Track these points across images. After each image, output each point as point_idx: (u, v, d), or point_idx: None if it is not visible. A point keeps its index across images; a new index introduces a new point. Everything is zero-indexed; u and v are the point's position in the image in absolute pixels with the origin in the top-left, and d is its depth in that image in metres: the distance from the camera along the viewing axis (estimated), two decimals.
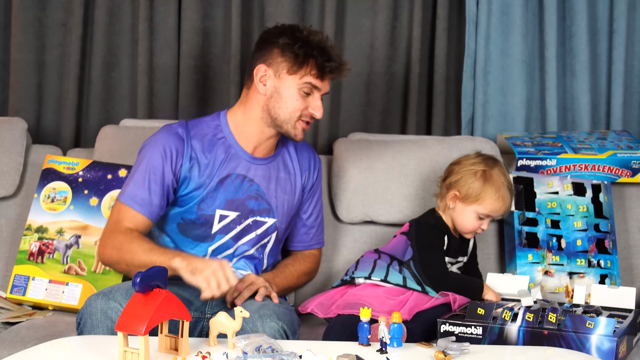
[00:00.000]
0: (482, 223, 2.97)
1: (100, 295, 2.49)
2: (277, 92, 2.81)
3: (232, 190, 2.85)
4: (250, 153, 2.89)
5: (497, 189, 2.93)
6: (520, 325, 2.55)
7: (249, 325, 2.48)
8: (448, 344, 2.28)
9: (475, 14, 3.65)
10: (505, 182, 2.94)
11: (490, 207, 2.94)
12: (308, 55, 2.77)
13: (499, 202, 2.94)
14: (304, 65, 2.77)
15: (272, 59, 2.81)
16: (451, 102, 3.79)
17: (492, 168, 2.96)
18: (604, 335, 2.45)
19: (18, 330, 2.80)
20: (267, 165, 2.92)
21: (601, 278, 3.20)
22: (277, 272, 2.93)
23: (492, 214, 2.96)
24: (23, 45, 3.65)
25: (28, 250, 3.11)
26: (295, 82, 2.79)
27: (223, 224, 2.85)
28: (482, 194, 2.93)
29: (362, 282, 2.93)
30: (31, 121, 3.65)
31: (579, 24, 3.64)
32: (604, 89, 3.72)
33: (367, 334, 2.33)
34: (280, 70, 2.80)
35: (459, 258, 3.03)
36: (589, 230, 3.26)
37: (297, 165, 2.99)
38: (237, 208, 2.86)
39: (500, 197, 2.93)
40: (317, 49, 2.77)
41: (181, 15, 3.67)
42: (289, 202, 2.95)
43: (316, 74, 2.78)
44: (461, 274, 3.02)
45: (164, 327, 2.22)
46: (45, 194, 3.17)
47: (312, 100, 2.81)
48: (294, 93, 2.80)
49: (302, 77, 2.78)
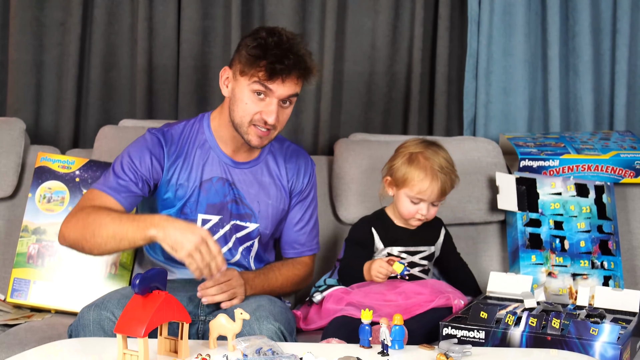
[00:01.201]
0: (419, 208, 2.91)
1: (93, 307, 2.48)
2: (234, 95, 2.74)
3: (213, 193, 2.82)
4: (230, 156, 2.85)
5: (423, 170, 2.87)
6: (524, 330, 2.53)
7: (245, 328, 2.46)
8: (450, 347, 2.28)
9: (477, 14, 3.65)
10: (436, 164, 2.88)
11: (417, 189, 2.88)
12: (258, 56, 2.64)
13: (424, 183, 2.87)
14: (254, 66, 2.65)
15: (234, 60, 2.76)
16: (453, 103, 3.79)
17: (422, 150, 2.92)
18: (608, 343, 2.44)
19: (16, 333, 2.79)
20: (248, 170, 2.88)
21: (605, 279, 3.20)
22: (259, 272, 2.86)
23: (422, 197, 2.89)
24: (21, 45, 3.64)
25: (27, 252, 3.08)
26: (245, 84, 2.69)
27: (205, 227, 2.81)
28: (408, 175, 2.89)
29: (319, 298, 2.94)
30: (29, 121, 3.64)
31: (582, 24, 3.65)
32: (607, 89, 3.73)
33: (368, 336, 2.33)
34: (236, 72, 2.73)
35: (419, 247, 2.99)
36: (592, 231, 3.26)
37: (283, 170, 2.93)
38: (218, 212, 2.83)
39: (426, 178, 2.87)
40: (270, 50, 2.64)
41: (181, 15, 3.66)
42: (274, 207, 2.90)
43: (264, 76, 2.64)
44: (358, 265, 2.95)
45: (163, 329, 2.21)
46: (41, 194, 3.14)
47: (266, 104, 2.69)
48: (246, 95, 2.70)
49: (251, 78, 2.67)
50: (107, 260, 3.05)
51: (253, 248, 2.91)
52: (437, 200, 2.91)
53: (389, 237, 2.96)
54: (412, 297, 2.81)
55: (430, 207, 2.92)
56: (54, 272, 3.06)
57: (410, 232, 2.99)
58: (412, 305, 2.78)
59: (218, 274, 2.52)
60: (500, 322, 2.57)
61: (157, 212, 2.82)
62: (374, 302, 2.76)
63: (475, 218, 3.36)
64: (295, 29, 3.63)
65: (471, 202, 3.34)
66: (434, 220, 3.02)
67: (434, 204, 2.92)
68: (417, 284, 2.89)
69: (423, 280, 2.94)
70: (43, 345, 2.33)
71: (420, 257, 2.98)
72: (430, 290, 2.84)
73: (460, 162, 3.31)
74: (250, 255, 2.91)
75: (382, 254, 2.95)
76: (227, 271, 2.67)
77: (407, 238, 2.98)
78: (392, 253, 2.95)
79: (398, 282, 2.88)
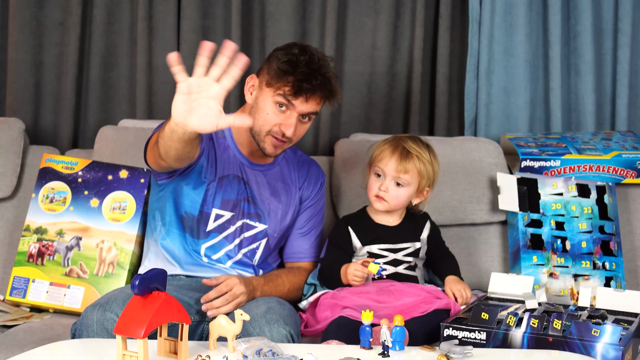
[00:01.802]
0: (381, 183, 2.91)
1: (97, 307, 2.48)
2: (257, 103, 2.83)
3: (229, 190, 2.89)
4: (247, 157, 2.93)
5: (390, 142, 2.93)
6: (525, 331, 2.52)
7: (255, 330, 2.48)
8: (451, 347, 2.28)
9: (478, 13, 3.65)
10: (407, 143, 2.91)
11: (380, 157, 2.91)
12: (287, 72, 2.75)
13: (386, 152, 2.90)
14: (281, 80, 2.76)
15: (262, 70, 2.85)
16: (454, 103, 3.79)
17: (401, 136, 2.98)
18: (609, 344, 2.43)
19: (15, 333, 2.79)
20: (263, 172, 2.95)
21: (606, 280, 3.20)
22: (268, 279, 2.88)
23: (382, 165, 2.90)
24: (20, 44, 3.64)
25: (27, 251, 3.09)
26: (270, 95, 2.78)
27: (218, 223, 2.88)
28: (378, 148, 2.94)
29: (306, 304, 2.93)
30: (29, 122, 3.64)
31: (584, 23, 3.65)
32: (608, 89, 3.72)
33: (368, 337, 2.33)
34: (262, 82, 2.82)
35: (402, 244, 2.97)
36: (594, 232, 3.25)
37: (295, 177, 3.02)
38: (232, 208, 2.89)
39: (390, 147, 2.91)
40: (300, 67, 2.75)
41: (181, 14, 3.66)
42: (284, 211, 2.97)
43: (290, 91, 2.75)
44: (336, 270, 2.92)
45: (163, 330, 2.21)
46: (44, 194, 3.15)
47: (287, 117, 2.79)
48: (268, 106, 2.79)
49: (276, 90, 2.76)
50: (104, 259, 3.06)
51: (258, 250, 2.93)
52: (399, 176, 2.89)
53: (369, 235, 2.95)
54: (403, 298, 2.79)
55: (393, 185, 2.90)
56: (53, 271, 3.07)
57: (391, 228, 2.98)
58: (410, 306, 2.77)
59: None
60: (501, 323, 2.55)
61: (174, 199, 2.87)
62: (370, 303, 2.74)
63: (476, 218, 3.35)
64: (296, 29, 3.66)
65: (472, 203, 3.34)
66: (418, 215, 3.02)
67: (398, 184, 2.90)
68: (409, 286, 2.87)
69: (415, 285, 2.91)
70: (43, 345, 2.33)
71: (404, 254, 2.96)
72: (421, 290, 2.84)
73: (461, 162, 3.34)
74: (254, 258, 2.92)
75: (361, 253, 2.94)
76: (229, 280, 2.68)
77: (389, 235, 2.97)
78: (372, 251, 2.94)
79: (388, 284, 2.87)
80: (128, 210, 3.10)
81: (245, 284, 2.71)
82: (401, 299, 2.77)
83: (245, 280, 2.74)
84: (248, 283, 2.73)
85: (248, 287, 2.71)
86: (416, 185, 2.93)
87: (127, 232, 3.07)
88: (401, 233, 2.98)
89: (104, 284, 3.04)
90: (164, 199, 2.90)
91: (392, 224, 2.98)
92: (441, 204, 3.30)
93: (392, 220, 2.98)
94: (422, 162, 2.90)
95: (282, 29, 3.64)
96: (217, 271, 2.86)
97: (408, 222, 3.00)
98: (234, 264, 2.89)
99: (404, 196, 2.92)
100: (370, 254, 2.93)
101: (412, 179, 2.90)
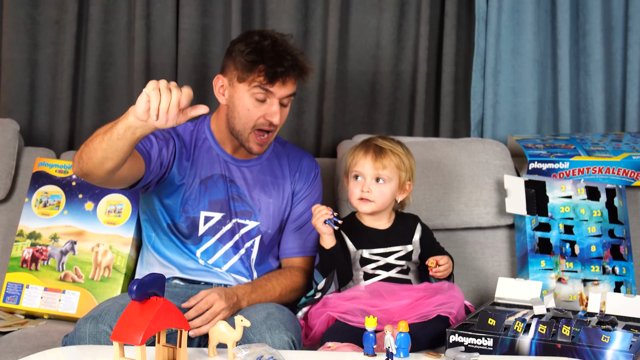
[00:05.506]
0: (362, 185, 2.90)
1: (90, 319, 2.48)
2: (232, 102, 2.82)
3: (215, 191, 2.88)
4: (231, 155, 2.92)
5: (362, 144, 2.94)
6: (533, 337, 2.52)
7: (256, 337, 2.49)
8: (457, 355, 2.28)
9: (485, 11, 3.66)
10: (377, 139, 2.94)
11: (355, 160, 2.92)
12: (256, 61, 2.75)
13: (360, 152, 2.91)
14: (252, 72, 2.75)
15: (227, 68, 2.83)
16: (460, 103, 3.79)
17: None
18: (619, 351, 2.42)
19: (9, 340, 2.77)
20: (249, 168, 2.94)
21: (616, 285, 3.20)
22: (256, 286, 2.83)
23: (359, 167, 2.89)
24: (15, 43, 3.62)
25: (21, 257, 3.09)
26: (245, 90, 2.77)
27: (209, 225, 2.87)
28: (351, 153, 2.95)
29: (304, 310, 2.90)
30: (23, 123, 3.63)
31: (593, 22, 3.67)
32: (618, 89, 3.75)
33: (372, 343, 2.32)
34: (232, 79, 2.80)
35: (393, 248, 2.95)
36: (604, 235, 3.26)
37: (286, 169, 3.00)
38: (221, 209, 2.88)
39: (362, 148, 2.92)
40: (266, 54, 2.74)
41: (179, 13, 3.65)
42: (276, 205, 2.95)
43: (265, 80, 2.74)
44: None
45: (161, 336, 2.19)
46: (37, 198, 3.16)
47: (268, 106, 2.78)
48: (247, 101, 2.78)
49: (251, 83, 2.76)
50: (100, 263, 3.05)
51: (253, 249, 2.91)
52: (377, 173, 2.89)
53: (360, 240, 2.95)
54: (395, 300, 2.78)
55: (374, 184, 2.90)
56: (47, 276, 3.05)
57: (381, 232, 2.97)
58: (404, 307, 2.76)
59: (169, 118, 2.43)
60: (508, 329, 2.55)
61: (157, 209, 2.88)
62: (362, 307, 2.74)
63: (483, 222, 3.34)
64: (298, 28, 3.67)
65: (479, 206, 3.33)
66: (407, 218, 3.01)
67: (378, 180, 2.90)
68: (401, 287, 2.86)
69: (407, 285, 2.90)
70: (37, 353, 2.33)
71: (395, 257, 2.94)
72: (412, 290, 2.83)
73: (467, 164, 3.37)
74: (250, 259, 2.90)
75: (356, 257, 2.93)
76: (208, 297, 2.64)
77: (379, 239, 2.96)
78: (363, 256, 2.92)
79: (380, 286, 2.86)
80: (124, 213, 3.10)
81: (228, 297, 2.67)
82: (393, 301, 2.78)
83: (228, 292, 2.69)
84: (231, 296, 2.69)
85: (231, 300, 2.67)
86: (397, 180, 2.93)
87: (123, 235, 3.08)
88: (392, 236, 2.98)
89: (100, 289, 3.03)
90: (151, 210, 2.91)
91: (382, 228, 2.98)
92: (447, 207, 3.30)
93: (382, 224, 2.98)
94: (396, 155, 2.92)
95: (283, 27, 3.63)
96: (214, 275, 2.86)
97: (398, 226, 3.00)
98: (230, 268, 2.88)
99: (388, 193, 2.92)
100: (361, 258, 2.92)
101: (391, 174, 2.91)
